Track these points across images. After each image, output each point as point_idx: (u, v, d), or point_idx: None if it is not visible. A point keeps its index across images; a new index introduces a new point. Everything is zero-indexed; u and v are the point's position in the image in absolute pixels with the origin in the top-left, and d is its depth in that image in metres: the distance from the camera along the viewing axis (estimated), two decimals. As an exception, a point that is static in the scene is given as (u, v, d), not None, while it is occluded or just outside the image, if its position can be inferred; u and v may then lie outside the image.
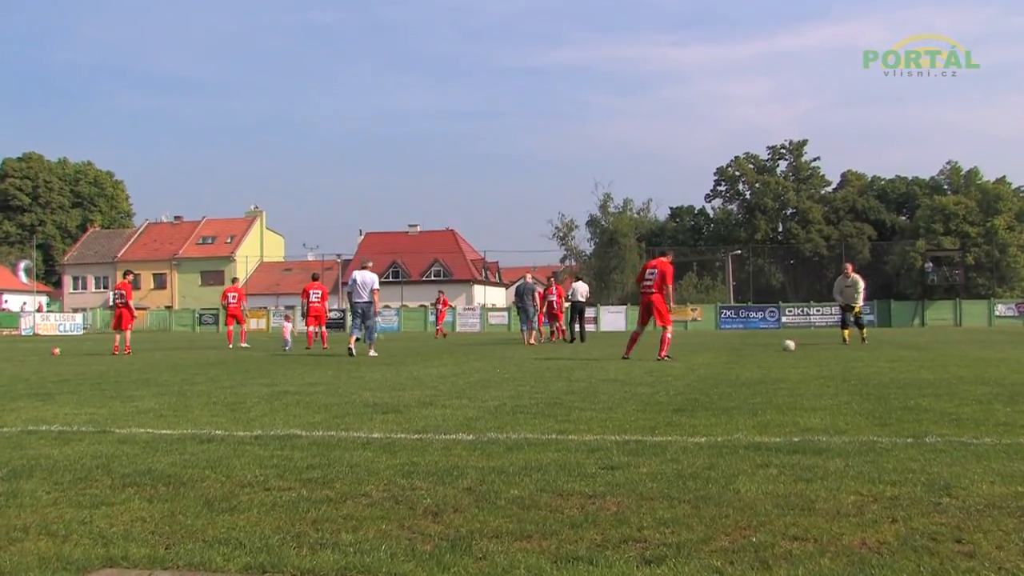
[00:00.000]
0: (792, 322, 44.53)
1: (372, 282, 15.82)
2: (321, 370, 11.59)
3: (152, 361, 14.66)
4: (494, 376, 10.05)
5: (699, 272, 73.12)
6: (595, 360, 13.25)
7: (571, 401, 7.08)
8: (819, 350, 15.77)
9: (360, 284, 15.81)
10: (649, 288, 13.05)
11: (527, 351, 16.78)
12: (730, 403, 6.76)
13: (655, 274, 13.03)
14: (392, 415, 6.27)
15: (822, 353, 14.48)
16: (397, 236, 78.73)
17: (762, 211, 76.91)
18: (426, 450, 4.72)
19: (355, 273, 16.11)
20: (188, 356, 16.62)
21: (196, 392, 8.25)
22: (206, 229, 79.97)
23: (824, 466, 4.11)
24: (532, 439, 5.04)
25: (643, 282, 13.21)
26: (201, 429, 5.61)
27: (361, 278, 15.89)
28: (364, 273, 16.00)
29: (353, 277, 16.04)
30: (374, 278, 15.97)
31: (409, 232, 79.66)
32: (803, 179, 79.13)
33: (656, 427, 5.48)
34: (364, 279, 15.86)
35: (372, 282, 15.82)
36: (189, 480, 3.97)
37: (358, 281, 15.85)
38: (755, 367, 11.09)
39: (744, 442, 4.81)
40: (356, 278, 15.91)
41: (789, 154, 79.84)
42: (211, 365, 13.09)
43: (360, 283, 15.82)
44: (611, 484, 3.81)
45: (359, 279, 15.87)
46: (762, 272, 78.34)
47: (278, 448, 4.82)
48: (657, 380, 9.13)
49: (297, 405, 7.02)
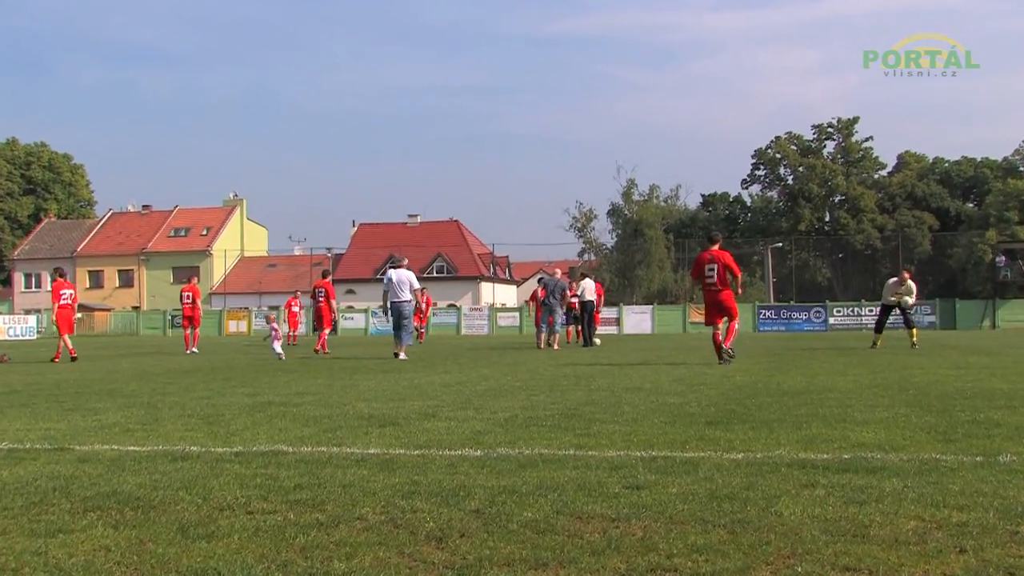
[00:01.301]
0: (841, 324, 44.39)
1: (411, 279, 16.87)
2: (310, 378, 11.62)
3: (117, 369, 14.74)
4: (504, 384, 10.06)
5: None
6: (618, 366, 13.25)
7: (591, 412, 7.08)
8: (872, 355, 15.73)
9: (397, 283, 16.78)
10: (714, 285, 13.09)
11: (542, 356, 16.80)
12: (771, 415, 6.75)
13: (716, 268, 13.07)
14: (390, 428, 6.29)
15: (875, 358, 14.44)
16: (395, 228, 78.90)
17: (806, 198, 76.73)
18: (428, 468, 4.74)
19: (390, 272, 17.15)
20: (158, 363, 16.71)
21: (168, 403, 8.29)
22: (179, 220, 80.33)
23: (879, 487, 4.10)
24: (547, 455, 5.05)
25: (705, 278, 13.22)
26: (174, 445, 5.64)
27: (397, 276, 16.88)
28: (400, 271, 16.99)
29: (388, 276, 17.05)
30: (412, 275, 17.02)
31: (408, 223, 79.84)
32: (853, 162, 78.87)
33: (687, 442, 5.49)
34: (400, 277, 16.86)
35: (411, 279, 16.87)
36: (160, 503, 3.99)
37: (394, 280, 16.85)
38: (799, 374, 11.07)
39: (787, 459, 4.80)
40: (392, 276, 16.91)
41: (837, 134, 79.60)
42: (184, 373, 13.16)
43: (397, 281, 16.79)
44: (636, 506, 3.81)
45: (395, 277, 16.86)
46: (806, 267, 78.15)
47: (261, 466, 4.84)
48: (688, 389, 9.12)
49: (283, 417, 7.05)
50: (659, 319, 46.60)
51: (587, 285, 23.10)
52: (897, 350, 17.35)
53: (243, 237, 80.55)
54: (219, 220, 79.51)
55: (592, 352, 18.89)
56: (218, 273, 76.00)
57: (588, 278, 23.90)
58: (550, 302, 21.21)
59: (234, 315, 53.66)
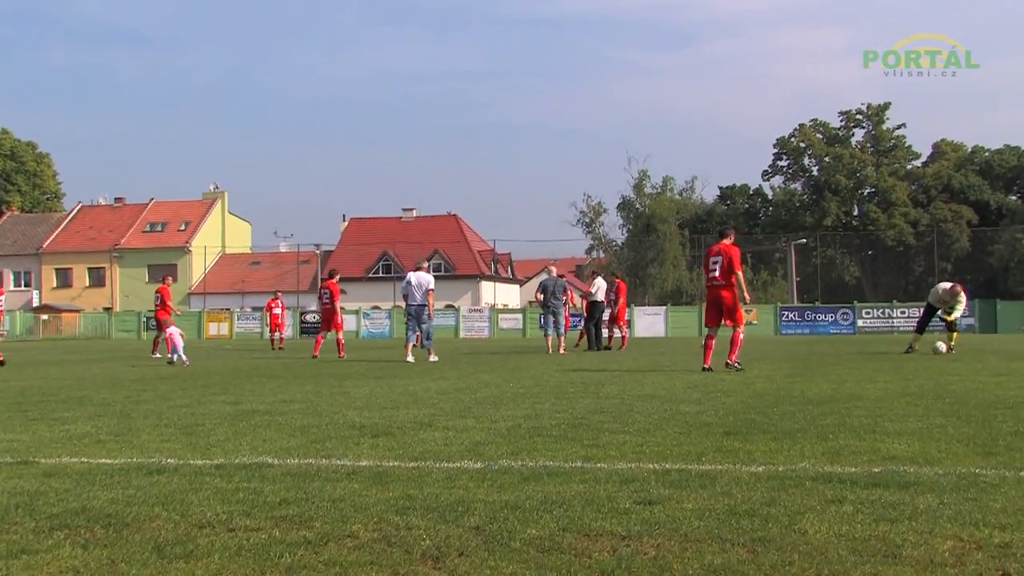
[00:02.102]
0: (870, 326, 44.37)
1: (428, 283, 18.17)
2: (297, 385, 11.64)
3: (87, 375, 14.77)
4: (506, 391, 10.08)
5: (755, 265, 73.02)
6: (628, 372, 13.26)
7: (600, 422, 7.10)
8: (904, 360, 15.73)
9: (415, 285, 18.15)
10: (716, 280, 13.03)
11: (546, 361, 16.82)
12: (794, 424, 6.76)
13: (720, 261, 12.99)
14: (383, 439, 6.30)
15: (908, 364, 14.44)
16: (388, 223, 79.01)
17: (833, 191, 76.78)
18: (424, 481, 4.75)
19: (409, 274, 18.61)
20: (132, 368, 16.73)
21: (143, 412, 8.30)
22: (154, 214, 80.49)
23: (912, 503, 4.10)
24: (553, 468, 5.06)
25: (708, 273, 13.21)
26: (149, 457, 5.65)
27: (416, 279, 18.25)
28: (419, 274, 18.41)
29: (408, 278, 18.48)
30: (430, 279, 18.35)
31: (403, 218, 79.98)
32: (884, 151, 78.92)
33: (703, 453, 5.50)
34: (420, 280, 18.21)
35: (428, 283, 18.17)
36: (134, 520, 3.99)
37: (412, 282, 18.23)
38: (824, 381, 11.07)
39: (812, 472, 4.81)
40: (411, 279, 18.33)
41: (867, 121, 79.67)
42: (161, 379, 13.18)
43: (415, 284, 18.17)
44: (649, 523, 3.81)
45: (414, 280, 18.24)
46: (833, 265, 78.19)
47: (244, 480, 4.85)
48: (704, 396, 9.13)
49: (268, 427, 7.06)
50: (673, 321, 46.52)
51: (599, 284, 23.11)
52: (932, 355, 17.33)
53: (224, 233, 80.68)
54: (198, 214, 79.66)
55: (601, 357, 18.91)
56: (197, 271, 76.13)
57: (599, 276, 23.94)
58: (552, 303, 21.47)
59: (215, 317, 53.73)
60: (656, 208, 74.28)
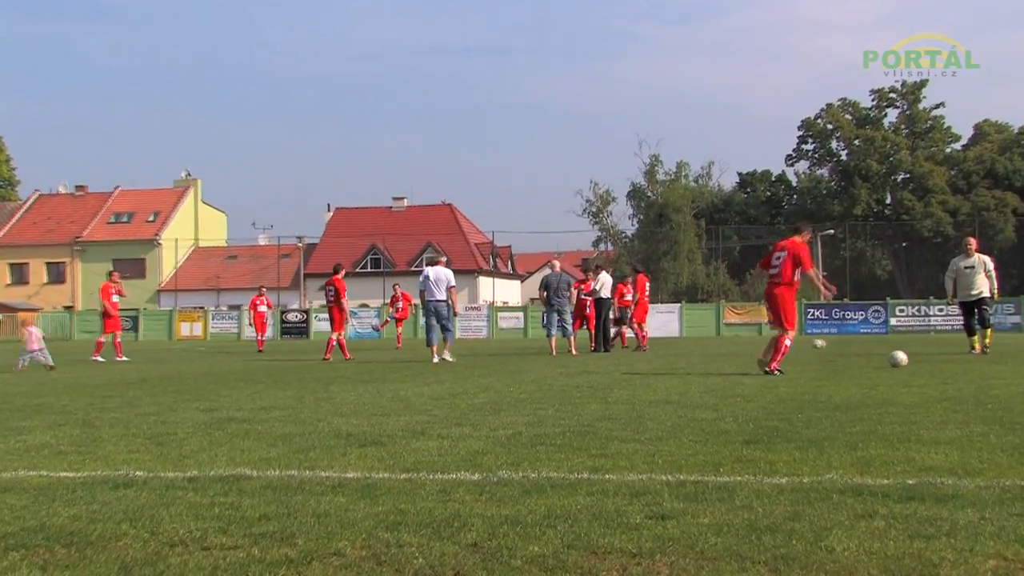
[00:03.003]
0: (904, 325, 44.38)
1: (448, 278, 18.84)
2: (278, 389, 11.65)
3: (45, 380, 14.77)
4: (506, 396, 10.10)
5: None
6: (639, 375, 13.29)
7: (608, 429, 7.11)
8: (942, 362, 15.73)
9: (434, 281, 18.74)
10: (775, 278, 13.28)
11: (550, 364, 16.83)
12: (820, 432, 6.77)
13: (784, 257, 13.23)
14: (372, 448, 6.31)
15: (947, 367, 14.44)
16: (377, 213, 79.03)
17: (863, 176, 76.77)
18: (417, 494, 4.76)
19: (426, 269, 19.24)
20: (96, 372, 16.74)
21: (108, 421, 8.31)
22: (121, 203, 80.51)
23: (951, 518, 4.11)
24: (557, 479, 5.07)
25: (769, 269, 13.47)
26: (116, 470, 5.65)
27: (434, 274, 18.86)
28: (437, 269, 19.06)
29: (425, 273, 19.04)
30: (449, 274, 19.01)
31: (393, 208, 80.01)
32: (920, 133, 78.92)
33: (721, 464, 5.51)
34: (438, 275, 18.83)
35: (448, 278, 18.84)
36: (99, 539, 4.00)
37: (431, 278, 18.81)
38: (854, 385, 11.08)
39: (840, 484, 4.82)
40: (428, 274, 18.91)
41: (901, 100, 79.64)
42: (128, 384, 13.19)
43: (434, 280, 18.76)
44: (662, 539, 3.82)
45: (432, 275, 18.83)
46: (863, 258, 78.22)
47: (220, 493, 4.86)
48: (722, 402, 9.15)
49: (246, 436, 7.07)
50: (688, 319, 46.59)
51: (604, 280, 23.26)
52: (971, 357, 17.34)
53: (197, 224, 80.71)
54: (169, 204, 79.67)
55: (609, 359, 18.93)
56: (168, 266, 76.16)
57: (604, 271, 24.10)
58: (555, 301, 21.68)
59: (187, 316, 53.78)
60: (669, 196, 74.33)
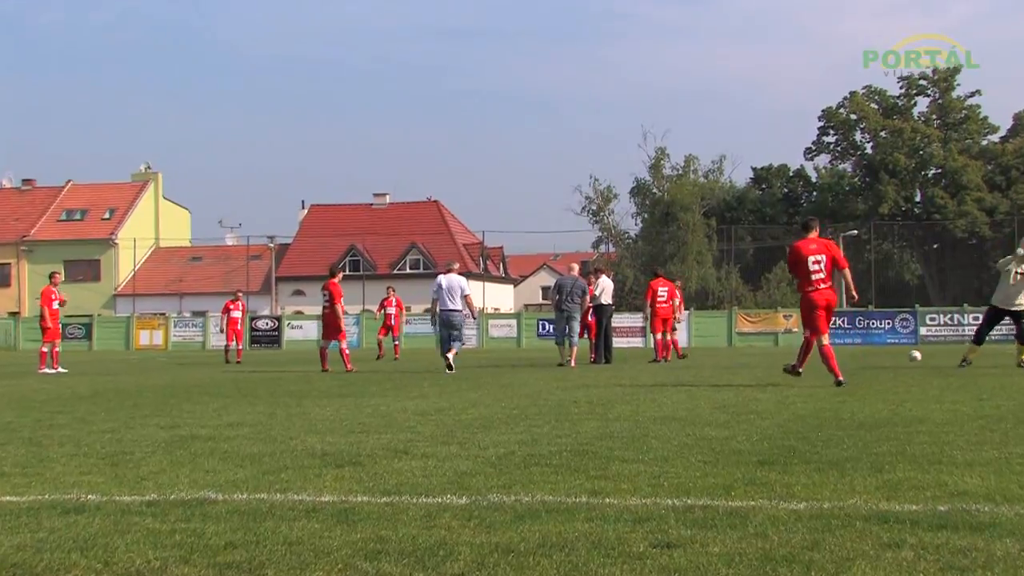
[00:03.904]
0: (935, 335, 44.48)
1: (462, 286, 19.63)
2: (246, 404, 11.64)
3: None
4: (497, 412, 10.10)
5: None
6: (643, 388, 13.30)
7: (609, 448, 7.12)
8: (978, 376, 15.73)
9: (447, 289, 19.46)
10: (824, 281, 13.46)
11: (546, 377, 16.82)
12: (842, 452, 6.78)
13: (824, 260, 13.38)
14: (350, 469, 6.32)
15: (983, 381, 14.45)
16: (356, 211, 79.00)
17: (890, 172, 76.91)
18: (399, 520, 4.76)
19: (439, 277, 19.98)
20: (44, 385, 16.68)
21: (58, 439, 8.29)
22: (72, 199, 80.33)
23: (987, 549, 4.11)
24: (552, 503, 5.08)
25: (812, 275, 13.45)
26: (66, 493, 5.64)
27: (448, 282, 19.55)
28: (450, 277, 19.74)
29: (437, 282, 19.77)
30: (463, 281, 19.79)
31: (374, 205, 79.98)
32: (954, 124, 79.05)
33: (733, 487, 5.52)
34: (451, 283, 19.53)
35: (462, 286, 19.63)
36: (46, 570, 3.99)
37: (444, 286, 19.51)
38: (879, 400, 11.10)
39: (863, 510, 4.83)
40: (441, 283, 19.63)
41: (933, 88, 79.79)
42: (80, 399, 13.15)
43: (447, 288, 19.47)
44: (667, 569, 3.83)
45: (445, 284, 19.53)
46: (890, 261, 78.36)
47: (182, 519, 4.86)
48: (734, 419, 9.16)
49: (211, 455, 7.07)
50: (697, 328, 46.54)
51: (604, 285, 23.35)
52: (1010, 370, 17.34)
53: (158, 222, 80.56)
54: (126, 200, 79.53)
55: (610, 372, 18.93)
56: (125, 268, 75.96)
57: (605, 275, 24.18)
58: (567, 307, 21.98)
59: (146, 323, 53.69)
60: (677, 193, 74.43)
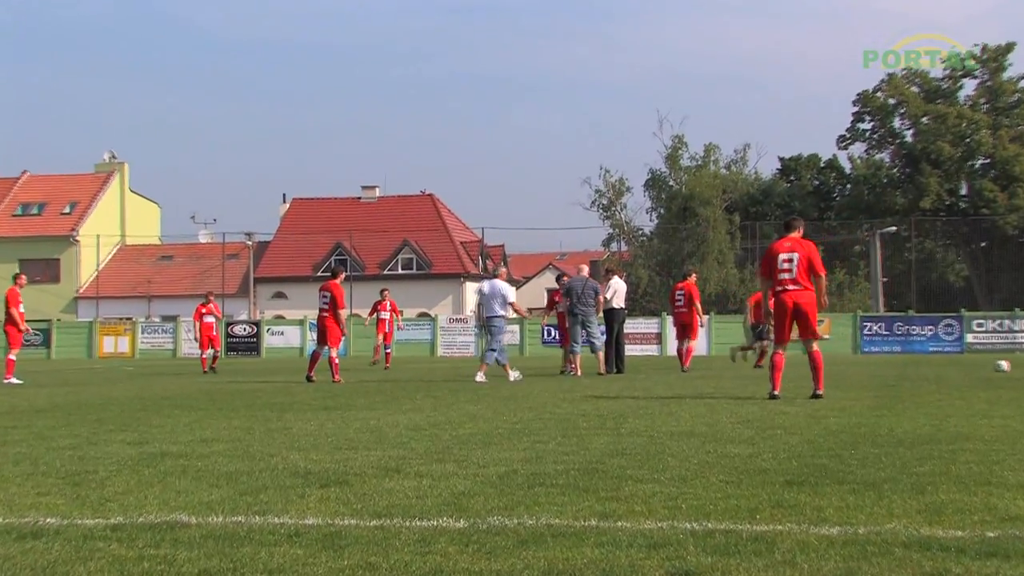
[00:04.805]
0: (983, 342, 44.41)
1: (504, 292, 20.60)
2: (222, 418, 11.64)
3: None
4: (498, 426, 10.11)
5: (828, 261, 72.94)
6: (659, 400, 13.31)
7: (621, 467, 7.13)
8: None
9: (489, 295, 20.61)
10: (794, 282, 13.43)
11: (551, 388, 16.81)
12: (879, 472, 6.78)
13: (796, 259, 13.46)
14: (336, 489, 6.33)
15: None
16: (343, 205, 78.97)
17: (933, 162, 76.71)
18: (390, 545, 4.77)
19: (483, 283, 21.40)
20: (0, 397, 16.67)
21: (12, 456, 8.28)
22: (28, 191, 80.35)
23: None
24: (559, 527, 5.09)
25: (778, 272, 13.53)
26: (22, 516, 5.64)
27: (490, 288, 20.78)
28: (494, 283, 20.93)
29: (480, 288, 21.22)
30: (505, 287, 20.75)
31: (363, 199, 79.90)
32: (1004, 109, 78.72)
33: (758, 509, 5.52)
34: (494, 290, 20.67)
35: (504, 292, 20.60)
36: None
37: (486, 291, 20.78)
38: (921, 415, 11.09)
39: (903, 536, 4.83)
40: (484, 289, 20.98)
41: (982, 69, 79.46)
42: (37, 413, 13.16)
43: (489, 294, 20.65)
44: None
45: (487, 290, 20.80)
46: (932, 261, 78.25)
47: (151, 545, 4.86)
48: (759, 434, 9.16)
49: (183, 474, 7.08)
50: (718, 334, 46.35)
51: (616, 286, 23.34)
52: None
53: (124, 217, 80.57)
54: (89, 193, 79.51)
55: (623, 383, 18.92)
56: (88, 268, 75.99)
57: (617, 276, 24.19)
58: (580, 311, 22.09)
59: (111, 329, 53.70)
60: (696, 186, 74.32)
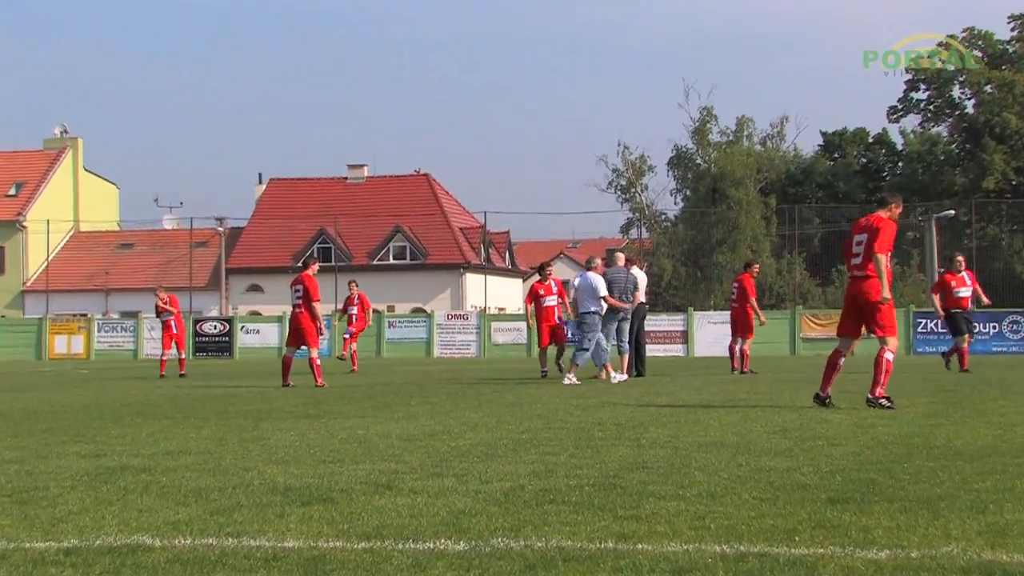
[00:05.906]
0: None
1: (595, 285, 20.55)
2: (190, 427, 11.66)
3: None
4: (502, 437, 10.12)
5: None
6: (684, 408, 13.31)
7: (641, 482, 7.14)
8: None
9: (581, 290, 20.75)
10: (858, 270, 13.06)
11: (562, 393, 16.77)
12: (934, 489, 6.78)
13: (864, 241, 12.96)
14: (320, 507, 6.34)
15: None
16: (327, 186, 78.85)
17: (997, 137, 76.66)
18: (381, 570, 4.78)
19: (577, 277, 21.66)
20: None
21: (-45, 470, 8.32)
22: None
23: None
24: (571, 549, 5.09)
25: (850, 260, 13.32)
26: (-33, 537, 5.66)
27: (581, 282, 20.96)
28: (586, 276, 20.99)
29: (573, 283, 21.41)
30: (596, 280, 20.61)
31: (349, 179, 79.67)
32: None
33: (797, 530, 5.52)
34: (584, 283, 20.77)
35: (595, 285, 20.55)
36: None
37: (578, 285, 21.01)
38: (982, 424, 11.08)
39: (961, 561, 4.83)
40: (576, 283, 21.22)
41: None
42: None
43: (581, 288, 20.78)
44: (716, 632, 3.83)
45: (579, 283, 20.99)
46: (996, 249, 78.04)
47: (110, 570, 4.87)
48: (798, 446, 9.15)
49: (145, 491, 7.08)
50: (753, 332, 46.44)
51: (640, 279, 23.16)
52: None
53: (78, 200, 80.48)
54: (37, 172, 79.52)
55: (644, 387, 18.90)
56: (36, 258, 75.93)
57: (637, 266, 24.04)
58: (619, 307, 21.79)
59: (63, 327, 53.71)
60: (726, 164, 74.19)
